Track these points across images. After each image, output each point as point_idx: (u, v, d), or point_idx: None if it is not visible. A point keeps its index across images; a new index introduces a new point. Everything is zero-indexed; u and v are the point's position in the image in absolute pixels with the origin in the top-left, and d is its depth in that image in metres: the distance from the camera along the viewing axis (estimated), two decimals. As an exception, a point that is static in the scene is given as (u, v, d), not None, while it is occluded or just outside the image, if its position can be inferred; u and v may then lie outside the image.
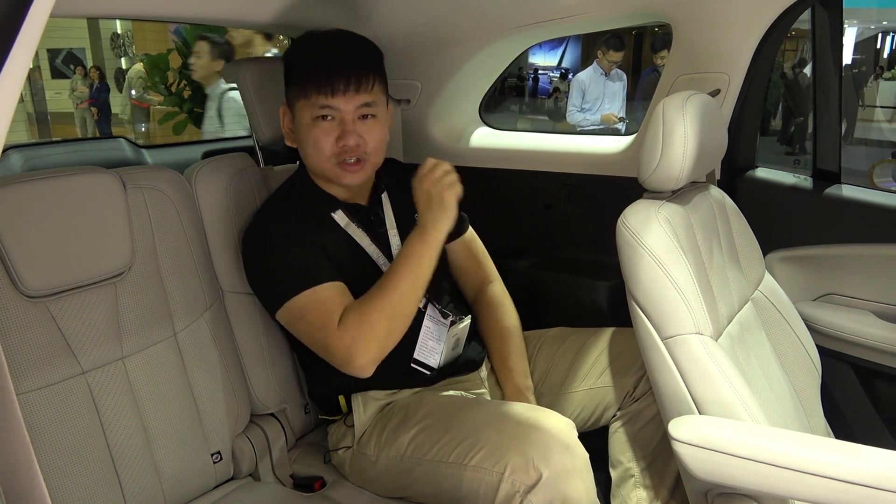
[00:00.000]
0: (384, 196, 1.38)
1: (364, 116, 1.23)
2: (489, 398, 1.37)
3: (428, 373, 1.31)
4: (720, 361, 1.04)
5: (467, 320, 1.39)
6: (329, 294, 1.17)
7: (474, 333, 1.44)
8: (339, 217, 1.30)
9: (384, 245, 1.32)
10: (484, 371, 1.42)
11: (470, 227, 1.53)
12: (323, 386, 1.38)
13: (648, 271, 1.07)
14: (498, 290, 1.48)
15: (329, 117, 1.21)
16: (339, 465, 1.35)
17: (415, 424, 1.20)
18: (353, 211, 1.31)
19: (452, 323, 1.35)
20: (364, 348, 1.11)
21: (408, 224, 1.35)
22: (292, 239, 1.22)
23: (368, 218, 1.33)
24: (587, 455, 1.08)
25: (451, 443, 1.12)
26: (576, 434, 1.10)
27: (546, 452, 1.03)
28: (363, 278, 1.24)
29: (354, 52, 1.24)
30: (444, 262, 1.47)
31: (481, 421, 1.13)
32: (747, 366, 1.16)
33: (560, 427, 1.09)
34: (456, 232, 1.49)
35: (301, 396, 1.50)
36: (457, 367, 1.36)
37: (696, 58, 1.52)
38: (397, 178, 1.42)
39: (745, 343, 1.20)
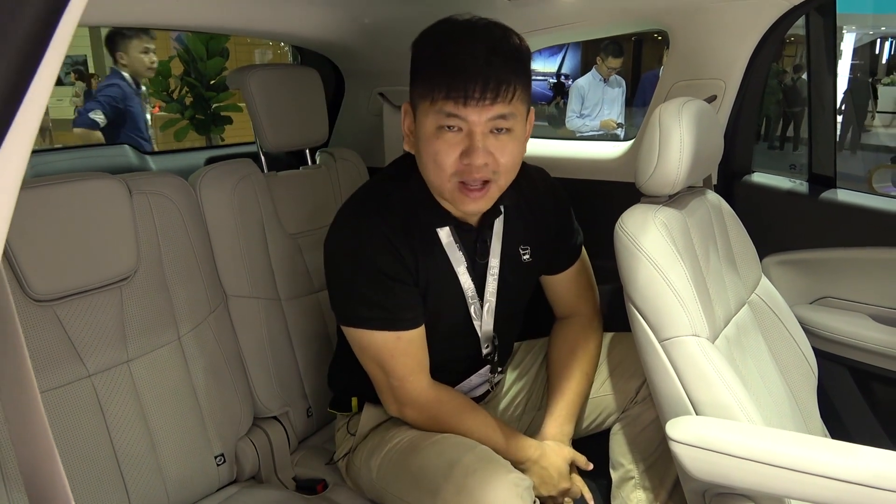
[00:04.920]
0: (498, 221, 1.21)
1: (497, 130, 1.04)
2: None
3: None
4: (716, 363, 1.05)
5: (498, 378, 1.37)
6: (411, 347, 1.15)
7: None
8: (444, 235, 1.16)
9: (480, 276, 1.21)
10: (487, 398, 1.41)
11: (582, 251, 1.37)
12: (345, 379, 1.36)
13: (646, 275, 1.09)
14: (590, 328, 1.37)
15: (455, 128, 1.03)
16: (340, 470, 1.37)
17: (384, 452, 1.22)
18: (461, 231, 1.18)
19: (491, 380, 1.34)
20: (418, 418, 1.19)
21: (513, 255, 1.25)
22: (389, 264, 1.11)
23: (474, 243, 1.19)
24: None
25: (408, 484, 1.14)
26: (522, 503, 1.03)
27: None
28: (446, 306, 1.19)
29: (497, 52, 1.01)
30: (517, 308, 1.34)
31: (434, 468, 1.10)
32: (744, 368, 1.17)
33: (499, 499, 1.01)
34: (568, 261, 1.35)
35: (304, 400, 1.52)
36: None
37: (692, 64, 1.54)
38: (523, 193, 1.24)
39: (741, 345, 1.21)
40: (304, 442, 1.53)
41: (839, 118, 8.86)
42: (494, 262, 1.22)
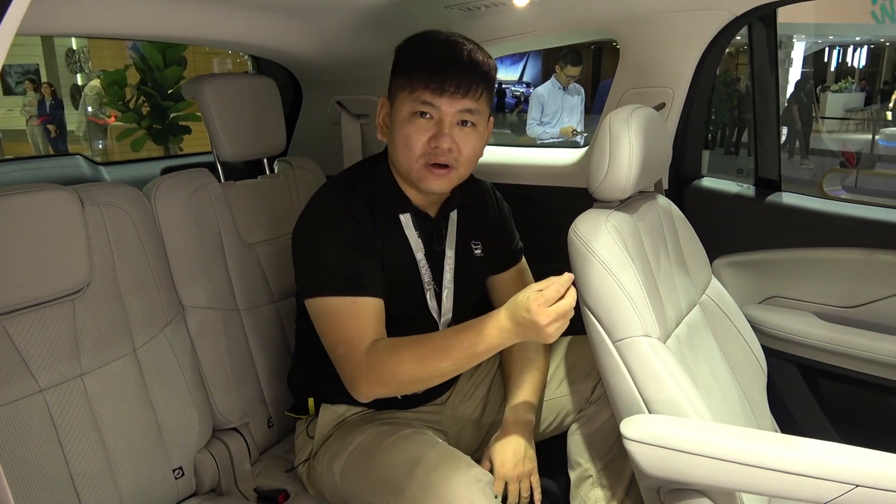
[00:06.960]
0: (454, 215, 1.32)
1: (463, 123, 1.17)
2: (441, 424, 1.39)
3: (399, 398, 1.33)
4: (667, 362, 1.08)
5: None
6: (365, 312, 1.14)
7: None
8: (406, 220, 1.26)
9: (436, 265, 1.29)
10: (444, 395, 1.43)
11: (523, 259, 1.47)
12: (303, 379, 1.38)
13: (598, 277, 1.11)
14: None
15: (428, 115, 1.16)
16: (301, 477, 1.37)
17: (346, 454, 1.23)
18: (420, 219, 1.27)
19: None
20: (374, 389, 1.12)
21: (466, 249, 1.35)
22: (356, 235, 1.18)
23: (432, 232, 1.29)
24: None
25: (371, 484, 1.16)
26: (484, 497, 1.07)
27: None
28: (404, 288, 1.25)
29: (470, 57, 1.17)
30: (472, 299, 1.40)
31: (396, 466, 1.14)
32: (695, 366, 1.21)
33: (461, 494, 1.05)
34: (509, 262, 1.44)
35: (264, 410, 1.51)
36: (424, 395, 1.37)
37: (642, 73, 1.58)
38: (473, 196, 1.38)
39: (692, 345, 1.25)
40: (265, 452, 1.52)
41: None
42: (450, 253, 1.30)
